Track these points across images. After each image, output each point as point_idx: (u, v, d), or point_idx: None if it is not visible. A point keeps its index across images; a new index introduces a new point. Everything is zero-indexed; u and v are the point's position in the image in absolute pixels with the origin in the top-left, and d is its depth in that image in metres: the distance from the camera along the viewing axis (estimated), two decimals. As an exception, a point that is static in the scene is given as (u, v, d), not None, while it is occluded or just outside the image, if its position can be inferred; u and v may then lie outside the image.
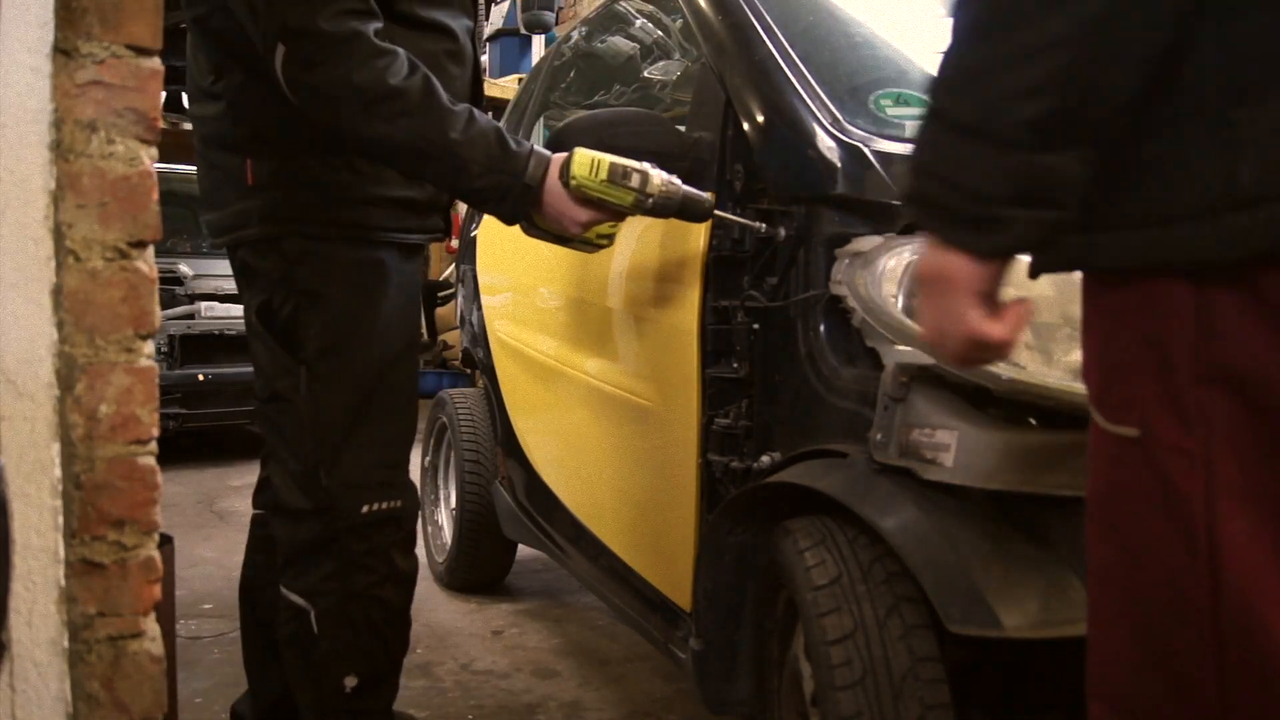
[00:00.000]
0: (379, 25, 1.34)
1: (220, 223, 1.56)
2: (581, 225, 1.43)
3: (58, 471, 0.85)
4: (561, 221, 1.43)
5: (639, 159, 1.54)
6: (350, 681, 1.54)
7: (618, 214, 1.43)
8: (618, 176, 1.38)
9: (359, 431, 1.52)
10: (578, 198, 1.40)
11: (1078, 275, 1.23)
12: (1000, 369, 1.11)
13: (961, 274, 0.74)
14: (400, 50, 1.35)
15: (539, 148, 1.42)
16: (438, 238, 1.66)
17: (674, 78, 2.37)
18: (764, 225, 1.45)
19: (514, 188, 1.39)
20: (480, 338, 2.67)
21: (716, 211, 1.45)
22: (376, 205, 1.50)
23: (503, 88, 5.86)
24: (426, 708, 2.11)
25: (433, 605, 2.76)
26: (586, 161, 1.38)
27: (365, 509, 1.51)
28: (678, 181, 1.42)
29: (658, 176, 1.40)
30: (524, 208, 1.42)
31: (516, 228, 1.59)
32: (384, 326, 1.52)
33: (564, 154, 1.41)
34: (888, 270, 1.24)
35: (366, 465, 1.53)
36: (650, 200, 1.39)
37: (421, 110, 1.34)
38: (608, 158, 1.39)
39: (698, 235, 1.55)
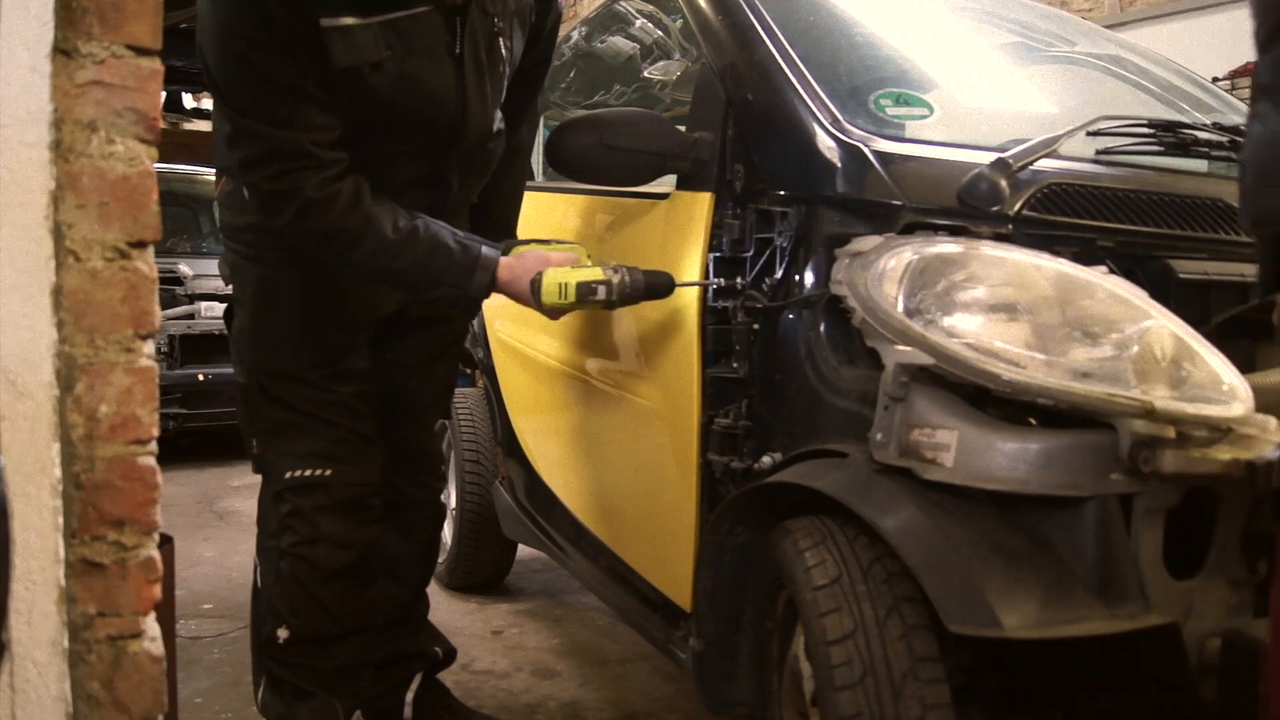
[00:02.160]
0: (326, 173, 1.44)
1: None
2: (557, 319, 1.62)
3: (58, 471, 0.85)
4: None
5: (638, 159, 1.55)
6: (282, 633, 1.64)
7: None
8: (585, 294, 1.52)
9: (285, 412, 1.64)
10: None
11: (1077, 276, 1.23)
12: (1000, 369, 1.11)
13: None
14: (341, 188, 1.45)
15: (486, 250, 1.54)
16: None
17: (674, 78, 2.37)
18: (722, 280, 1.51)
19: (462, 298, 1.56)
20: (480, 338, 2.67)
21: (677, 283, 1.56)
22: (276, 233, 1.60)
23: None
24: (426, 708, 2.11)
25: (433, 605, 2.75)
26: (554, 288, 1.52)
27: (288, 474, 1.63)
28: (639, 273, 1.53)
29: (619, 279, 1.52)
30: (476, 308, 1.61)
31: (523, 228, 1.76)
32: (278, 334, 1.64)
33: (529, 264, 1.54)
34: (888, 270, 1.24)
35: (294, 438, 1.64)
36: (616, 302, 1.53)
37: (362, 243, 1.49)
38: (574, 280, 1.52)
39: (698, 235, 1.55)
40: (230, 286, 1.70)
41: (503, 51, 1.59)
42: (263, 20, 1.34)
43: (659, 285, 1.55)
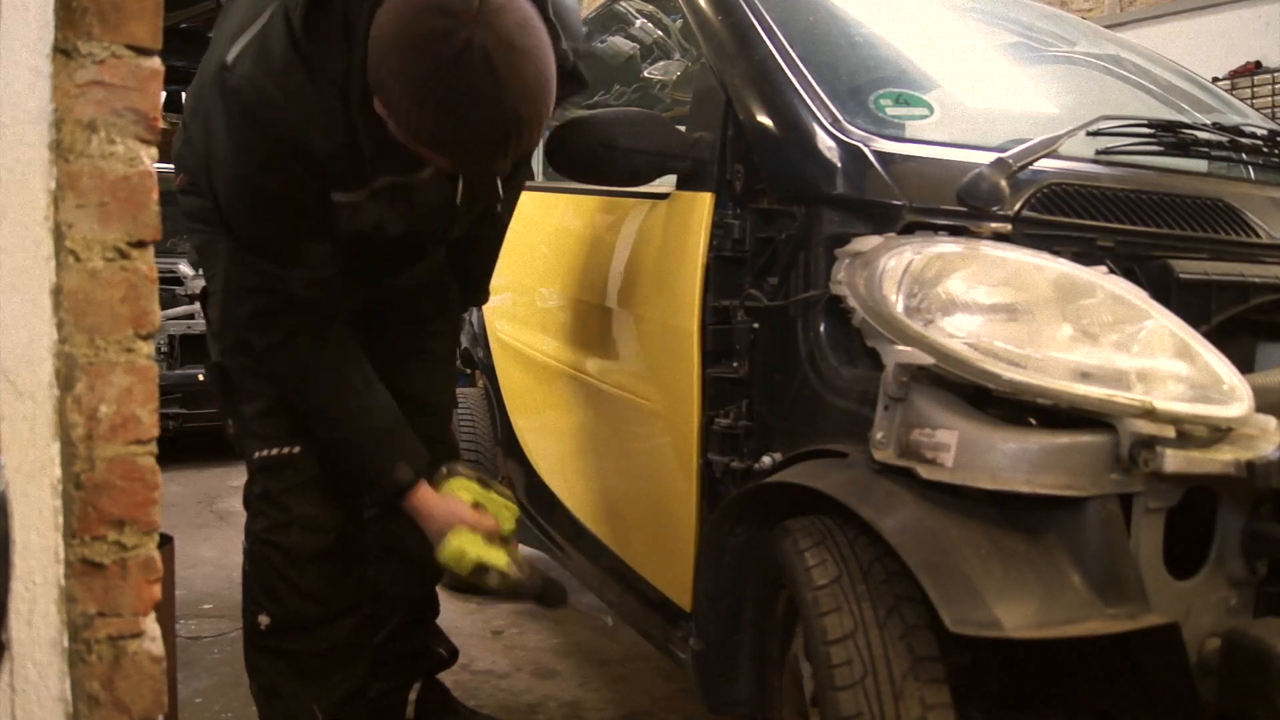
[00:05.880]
0: (308, 318, 1.48)
1: None
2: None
3: (58, 471, 0.85)
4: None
5: (638, 159, 1.55)
6: (263, 620, 1.62)
7: None
8: (478, 575, 1.56)
9: (251, 385, 1.62)
10: None
11: (1077, 276, 1.23)
12: (1000, 369, 1.11)
13: None
14: (299, 341, 1.50)
15: (401, 472, 1.55)
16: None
17: (674, 78, 2.37)
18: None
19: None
20: (480, 338, 2.67)
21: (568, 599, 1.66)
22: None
23: (503, 88, 5.84)
24: (426, 708, 2.11)
25: (433, 605, 2.76)
26: (454, 555, 1.54)
27: (257, 454, 1.62)
28: (539, 577, 1.61)
29: (514, 576, 1.57)
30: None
31: (516, 228, 1.67)
32: (240, 315, 1.61)
33: (448, 512, 1.57)
34: (888, 270, 1.24)
35: (262, 415, 1.62)
36: (504, 591, 1.59)
37: (301, 395, 1.56)
38: (473, 556, 1.54)
39: (698, 235, 1.55)
40: (201, 271, 1.71)
41: (499, 190, 1.63)
42: (281, 175, 1.37)
43: (551, 596, 1.63)
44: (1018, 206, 1.32)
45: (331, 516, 1.63)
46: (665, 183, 1.67)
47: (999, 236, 1.29)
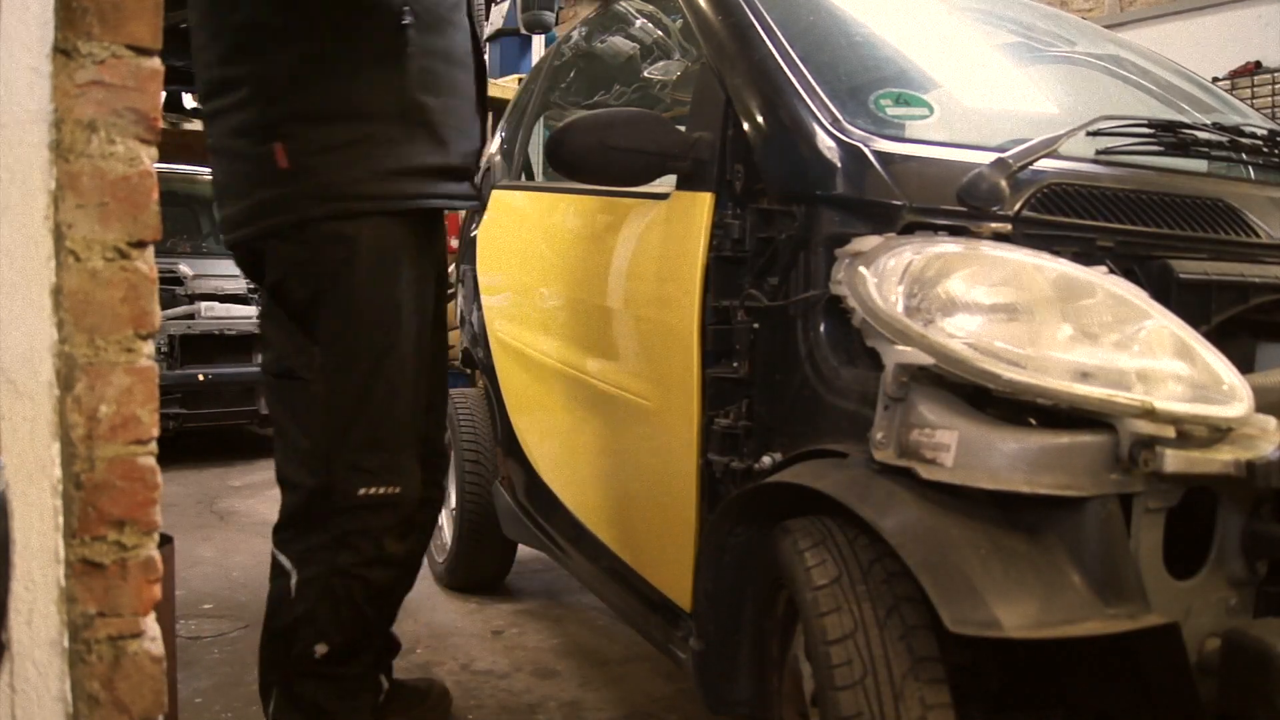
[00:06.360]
0: None
1: (239, 216, 1.56)
2: None
3: (58, 471, 0.85)
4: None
5: (638, 159, 1.55)
6: (321, 649, 1.58)
7: None
8: None
9: (364, 414, 1.56)
10: None
11: (1077, 276, 1.23)
12: (1000, 369, 1.11)
13: None
14: None
15: None
16: (471, 204, 1.75)
17: (674, 78, 2.37)
18: None
19: None
20: (480, 338, 2.67)
21: None
22: (408, 175, 1.54)
23: (503, 88, 5.87)
24: (426, 708, 2.11)
25: (433, 605, 2.76)
26: None
27: (362, 491, 1.55)
28: None
29: None
30: None
31: (516, 228, 1.62)
32: (395, 309, 1.57)
33: None
34: (888, 270, 1.24)
35: (369, 448, 1.56)
36: None
37: None
38: None
39: (698, 235, 1.55)
40: (300, 266, 1.55)
41: None
42: None
43: None
44: (1018, 206, 1.32)
45: (411, 552, 1.64)
46: (665, 183, 1.67)
47: (999, 236, 1.29)
